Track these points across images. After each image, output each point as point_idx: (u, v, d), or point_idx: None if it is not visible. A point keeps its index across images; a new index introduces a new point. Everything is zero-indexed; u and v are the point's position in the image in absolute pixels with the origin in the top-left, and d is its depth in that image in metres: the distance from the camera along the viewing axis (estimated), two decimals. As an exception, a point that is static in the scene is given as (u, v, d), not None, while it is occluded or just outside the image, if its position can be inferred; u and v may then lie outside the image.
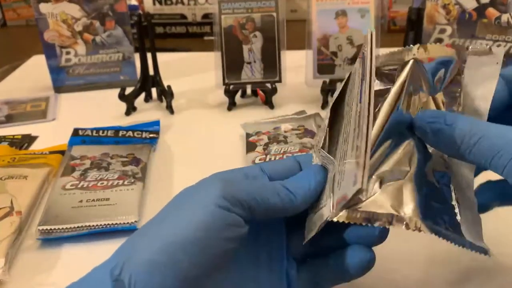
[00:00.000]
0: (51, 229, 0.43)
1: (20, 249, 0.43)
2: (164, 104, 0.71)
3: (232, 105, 0.71)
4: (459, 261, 0.40)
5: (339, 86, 0.34)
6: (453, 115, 0.29)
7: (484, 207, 0.33)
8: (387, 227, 0.28)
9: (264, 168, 0.32)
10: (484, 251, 0.28)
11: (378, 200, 0.28)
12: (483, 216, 0.31)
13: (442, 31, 0.75)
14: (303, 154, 0.35)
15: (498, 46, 0.73)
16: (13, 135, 0.64)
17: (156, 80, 0.72)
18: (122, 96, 0.69)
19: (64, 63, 0.79)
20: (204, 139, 0.63)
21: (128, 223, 0.43)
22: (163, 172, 0.55)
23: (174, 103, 0.71)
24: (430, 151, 0.32)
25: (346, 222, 0.28)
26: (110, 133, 0.59)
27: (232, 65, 0.69)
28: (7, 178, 0.49)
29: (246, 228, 0.28)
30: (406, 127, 0.31)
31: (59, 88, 0.79)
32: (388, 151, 0.30)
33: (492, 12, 0.72)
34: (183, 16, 1.12)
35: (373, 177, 0.29)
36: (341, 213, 0.28)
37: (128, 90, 0.70)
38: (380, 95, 0.30)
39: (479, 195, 0.31)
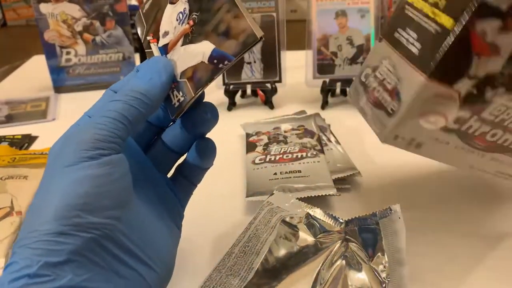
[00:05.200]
0: (51, 229, 0.43)
1: (20, 249, 0.43)
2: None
3: (232, 105, 0.71)
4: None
5: None
6: None
7: None
8: None
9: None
10: None
11: None
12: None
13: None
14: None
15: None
16: (13, 135, 0.64)
17: (156, 80, 0.72)
18: (122, 96, 0.69)
19: (64, 63, 0.79)
20: (204, 139, 0.63)
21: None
22: (163, 172, 0.55)
23: (174, 103, 0.71)
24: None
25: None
26: (110, 133, 0.59)
27: (232, 65, 0.69)
28: (7, 178, 0.49)
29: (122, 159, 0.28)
30: None
31: (59, 88, 0.79)
32: None
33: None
34: (183, 16, 1.12)
35: None
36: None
37: (128, 90, 0.70)
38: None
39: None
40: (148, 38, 0.35)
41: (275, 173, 0.49)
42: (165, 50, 0.34)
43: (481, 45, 0.36)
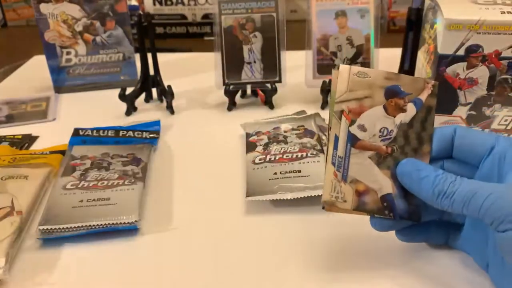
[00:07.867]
0: (51, 229, 0.43)
1: (20, 249, 0.43)
2: (165, 104, 0.71)
3: (232, 105, 0.71)
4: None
5: None
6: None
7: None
8: None
9: None
10: None
11: None
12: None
13: (442, 31, 0.75)
14: None
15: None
16: (14, 135, 0.64)
17: (156, 80, 0.72)
18: (122, 96, 0.69)
19: (65, 63, 0.79)
20: (204, 139, 0.63)
21: (128, 223, 0.43)
22: (164, 172, 0.55)
23: (174, 103, 0.71)
24: None
25: None
26: (110, 133, 0.59)
27: (232, 65, 0.69)
28: (8, 178, 0.49)
29: None
30: None
31: (59, 88, 0.79)
32: None
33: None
34: (183, 16, 1.12)
35: None
36: None
37: (129, 90, 0.70)
38: None
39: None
40: (344, 107, 0.33)
41: (275, 173, 0.49)
42: (352, 140, 0.33)
43: (458, 82, 0.48)
